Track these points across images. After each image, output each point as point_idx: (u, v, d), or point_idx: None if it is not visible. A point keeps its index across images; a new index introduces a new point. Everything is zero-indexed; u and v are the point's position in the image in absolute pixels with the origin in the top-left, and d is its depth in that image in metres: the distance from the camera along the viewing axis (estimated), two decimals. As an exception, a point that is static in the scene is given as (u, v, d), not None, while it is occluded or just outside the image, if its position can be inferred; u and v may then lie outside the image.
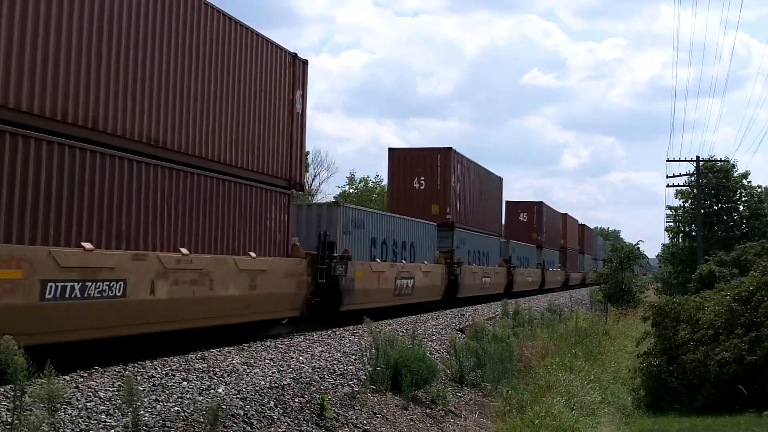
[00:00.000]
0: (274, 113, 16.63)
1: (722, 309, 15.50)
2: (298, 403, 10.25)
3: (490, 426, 12.95)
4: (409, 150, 32.78)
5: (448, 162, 31.18)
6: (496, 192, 40.98)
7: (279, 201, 16.77)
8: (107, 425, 7.83)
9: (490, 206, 38.79)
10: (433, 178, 31.01)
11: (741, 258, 31.29)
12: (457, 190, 31.66)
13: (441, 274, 29.03)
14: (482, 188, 36.77)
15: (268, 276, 15.86)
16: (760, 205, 55.27)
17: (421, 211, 29.71)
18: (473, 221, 34.64)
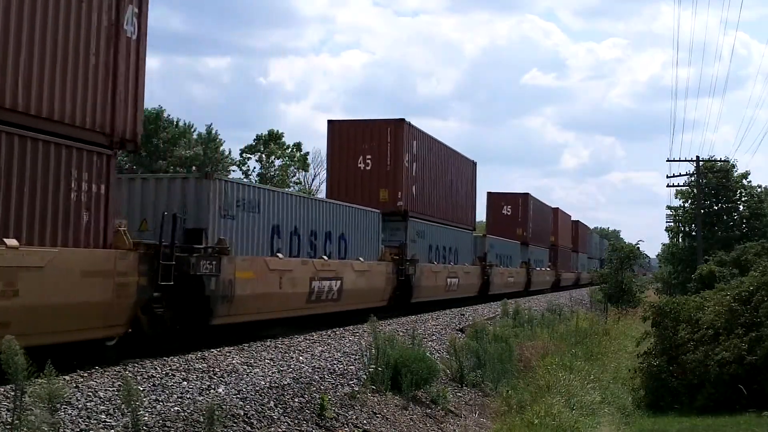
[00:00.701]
0: (81, 37, 11.31)
1: (722, 309, 15.50)
2: (298, 403, 10.25)
3: (490, 426, 12.95)
4: (352, 122, 26.56)
5: (400, 137, 25.23)
6: (468, 178, 34.86)
7: (89, 165, 11.41)
8: (107, 425, 7.83)
9: (459, 194, 33.03)
10: (381, 157, 25.30)
11: (741, 258, 31.31)
12: (412, 172, 26.19)
13: (386, 273, 23.10)
14: (449, 172, 31.24)
15: (45, 277, 10.25)
16: (760, 205, 55.29)
17: (367, 197, 24.58)
18: (436, 211, 29.15)
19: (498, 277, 37.86)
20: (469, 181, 35.14)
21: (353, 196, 24.29)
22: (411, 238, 25.70)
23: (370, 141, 25.48)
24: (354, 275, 20.53)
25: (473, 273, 34.00)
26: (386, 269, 23.22)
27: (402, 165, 25.30)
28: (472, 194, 35.87)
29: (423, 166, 27.57)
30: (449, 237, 30.75)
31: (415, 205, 26.51)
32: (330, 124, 26.24)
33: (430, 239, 28.07)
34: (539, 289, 48.30)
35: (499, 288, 37.99)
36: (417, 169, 26.75)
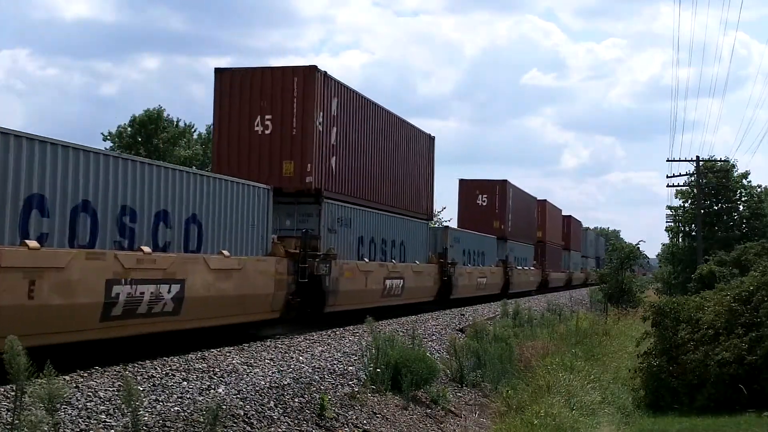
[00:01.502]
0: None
1: (722, 309, 15.49)
2: (298, 403, 10.25)
3: (490, 426, 12.96)
4: (247, 71, 19.89)
5: (312, 91, 19.03)
6: (422, 154, 28.11)
7: None
8: (107, 425, 7.83)
9: (409, 175, 26.72)
10: (285, 118, 19.18)
11: (741, 258, 31.31)
12: (330, 140, 20.05)
13: (274, 273, 16.60)
14: (393, 145, 25.10)
15: None
16: (760, 205, 55.32)
17: (266, 170, 18.96)
18: (370, 193, 23.17)
19: (463, 277, 31.61)
20: (424, 161, 28.43)
21: (248, 169, 18.94)
22: (327, 226, 19.67)
23: (270, 96, 19.37)
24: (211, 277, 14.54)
25: (428, 273, 27.65)
26: (276, 268, 16.71)
27: (313, 129, 19.10)
28: (427, 174, 28.97)
29: (349, 134, 21.49)
30: (393, 228, 24.57)
31: (334, 183, 20.36)
32: (218, 74, 19.85)
33: (361, 229, 21.98)
34: (521, 291, 41.94)
35: (466, 290, 32.44)
36: (339, 137, 20.65)
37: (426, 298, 27.75)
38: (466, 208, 41.03)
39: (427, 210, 29.32)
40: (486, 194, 40.75)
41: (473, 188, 41.23)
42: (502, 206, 40.77)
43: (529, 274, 46.13)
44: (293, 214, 19.35)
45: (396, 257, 24.69)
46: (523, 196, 46.41)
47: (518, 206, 43.77)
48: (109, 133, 61.49)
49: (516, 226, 42.90)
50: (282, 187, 18.65)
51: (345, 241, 20.83)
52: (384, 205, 24.31)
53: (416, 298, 26.50)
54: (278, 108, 19.26)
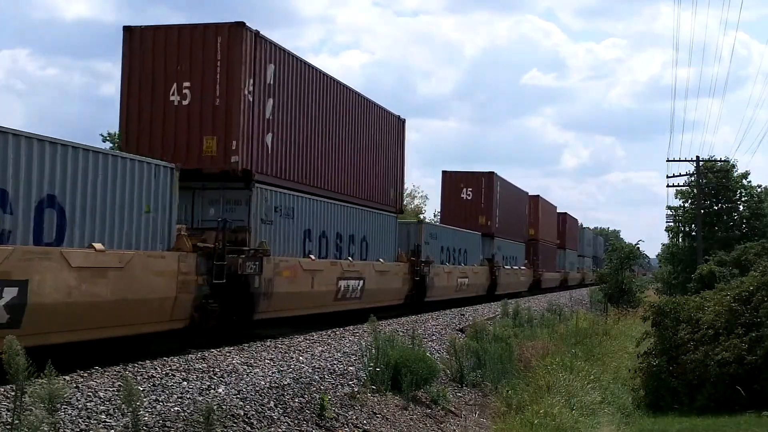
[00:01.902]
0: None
1: (722, 309, 15.50)
2: (298, 403, 10.25)
3: (490, 426, 12.96)
4: (162, 29, 16.66)
5: (238, 53, 15.86)
6: (389, 138, 24.88)
7: None
8: (107, 425, 7.83)
9: (372, 160, 23.34)
10: (206, 85, 16.01)
11: (741, 258, 31.30)
12: (263, 112, 16.74)
13: (176, 273, 13.32)
14: (350, 124, 21.66)
15: None
16: (760, 205, 55.30)
17: (183, 148, 15.85)
18: (318, 178, 19.52)
19: (440, 277, 28.62)
20: (392, 146, 25.11)
21: (162, 146, 15.96)
22: (261, 216, 16.55)
23: (189, 59, 16.16)
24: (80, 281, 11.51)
25: (396, 272, 24.31)
26: (178, 266, 13.45)
27: (241, 99, 15.93)
28: (397, 164, 25.66)
29: (292, 108, 18.01)
30: (351, 220, 21.44)
31: (270, 165, 17.05)
32: (126, 33, 16.53)
33: (308, 221, 18.65)
34: (511, 293, 37.93)
35: (444, 292, 29.33)
36: (277, 110, 17.35)
37: (394, 300, 24.40)
38: (450, 202, 37.76)
39: (396, 202, 25.65)
40: (471, 187, 37.26)
41: (457, 181, 37.67)
42: (488, 200, 37.36)
43: (518, 274, 42.82)
44: (218, 202, 16.33)
45: (355, 254, 21.45)
46: (513, 190, 43.00)
47: (507, 201, 40.51)
48: (108, 133, 61.54)
49: (504, 223, 39.73)
50: (202, 168, 15.69)
51: (285, 235, 17.49)
52: (340, 194, 20.84)
53: (380, 301, 22.97)
54: (198, 73, 16.05)
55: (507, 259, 40.39)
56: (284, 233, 17.51)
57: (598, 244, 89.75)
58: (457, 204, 37.19)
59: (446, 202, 38.07)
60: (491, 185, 37.54)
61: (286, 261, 17.21)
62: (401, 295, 25.08)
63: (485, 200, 37.31)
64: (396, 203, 25.64)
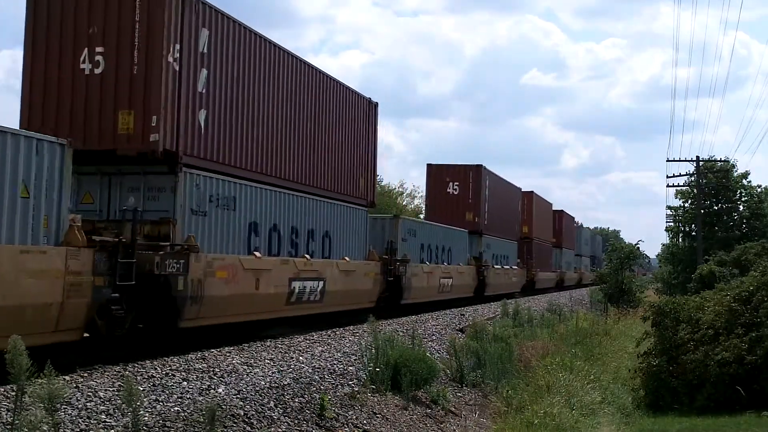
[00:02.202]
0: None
1: (722, 309, 15.49)
2: (298, 403, 10.25)
3: (490, 426, 12.96)
4: None
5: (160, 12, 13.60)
6: (358, 124, 22.13)
7: None
8: (107, 425, 7.83)
9: (336, 146, 20.55)
10: (122, 51, 13.72)
11: (741, 258, 31.30)
12: (194, 85, 14.37)
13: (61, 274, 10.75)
14: (309, 104, 18.78)
15: None
16: (760, 205, 55.26)
17: (96, 124, 13.62)
18: (268, 164, 16.90)
19: (419, 278, 26.14)
20: (362, 132, 22.41)
21: (70, 122, 13.67)
22: (191, 206, 14.13)
23: (103, 21, 13.75)
24: None
25: (365, 272, 21.71)
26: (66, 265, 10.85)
27: (163, 67, 13.52)
28: (368, 153, 22.92)
29: (232, 81, 15.49)
30: (311, 214, 18.75)
31: (203, 146, 14.60)
32: None
33: (254, 213, 16.06)
34: (501, 294, 35.14)
35: (423, 294, 27.04)
36: (213, 84, 14.87)
37: (363, 304, 21.53)
38: (435, 197, 35.53)
39: (368, 194, 22.79)
40: (457, 181, 34.90)
41: (443, 174, 35.44)
42: (476, 195, 35.01)
43: (510, 274, 40.39)
44: (139, 189, 14.05)
45: (316, 252, 18.78)
46: (504, 185, 40.59)
47: (497, 196, 38.18)
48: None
49: (494, 219, 37.37)
50: (117, 149, 13.50)
51: (224, 229, 15.00)
52: (297, 183, 18.18)
53: (345, 304, 20.46)
54: (113, 37, 13.66)
55: (497, 258, 38.11)
56: (222, 227, 14.96)
57: (596, 243, 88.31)
58: (443, 199, 34.98)
59: (432, 197, 36.04)
60: (479, 179, 35.17)
61: (221, 259, 14.72)
62: (371, 297, 22.32)
63: (473, 195, 35.07)
64: (367, 195, 22.77)
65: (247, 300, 15.48)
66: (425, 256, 27.67)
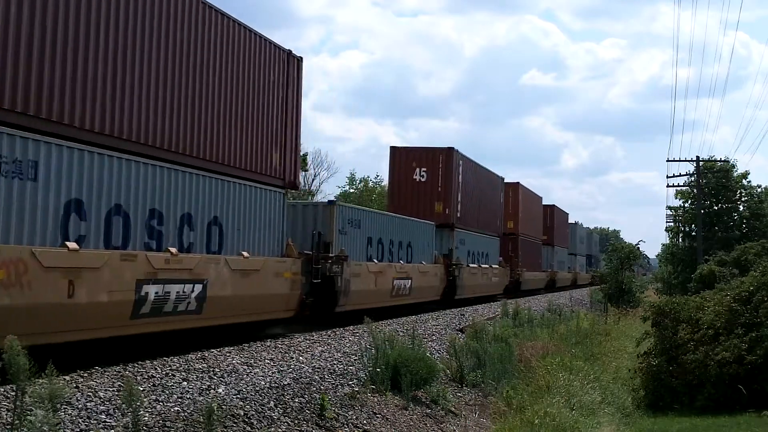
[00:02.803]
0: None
1: (722, 309, 15.50)
2: (298, 403, 10.25)
3: (490, 426, 12.96)
4: None
5: None
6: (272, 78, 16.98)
7: None
8: (107, 425, 7.83)
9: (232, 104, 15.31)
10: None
11: (741, 258, 31.31)
12: None
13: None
14: (181, 46, 13.79)
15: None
16: (760, 205, 55.30)
17: None
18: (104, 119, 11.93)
19: (360, 280, 21.10)
20: (275, 91, 17.16)
21: None
22: None
23: None
24: None
25: (277, 272, 16.82)
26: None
27: None
28: (284, 119, 17.49)
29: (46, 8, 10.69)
30: (184, 193, 13.85)
31: None
32: None
33: (74, 189, 11.31)
34: (477, 296, 32.44)
35: (366, 299, 21.48)
36: None
37: (276, 313, 17.11)
38: (400, 185, 30.58)
39: (284, 172, 17.52)
40: (426, 167, 30.15)
41: (408, 159, 30.51)
42: (447, 183, 30.23)
43: (489, 274, 35.62)
44: None
45: (195, 245, 14.16)
46: (484, 174, 35.95)
47: (475, 186, 33.76)
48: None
49: (470, 212, 32.94)
50: None
51: (20, 211, 10.36)
52: (163, 150, 13.34)
53: (240, 314, 15.53)
54: None
55: (474, 256, 33.54)
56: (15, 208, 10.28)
57: (592, 242, 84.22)
58: (409, 188, 30.27)
59: (395, 186, 30.98)
60: (451, 165, 30.33)
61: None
62: (291, 305, 17.52)
63: (443, 183, 30.24)
64: (284, 173, 17.55)
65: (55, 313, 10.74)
66: (374, 252, 22.86)
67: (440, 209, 30.14)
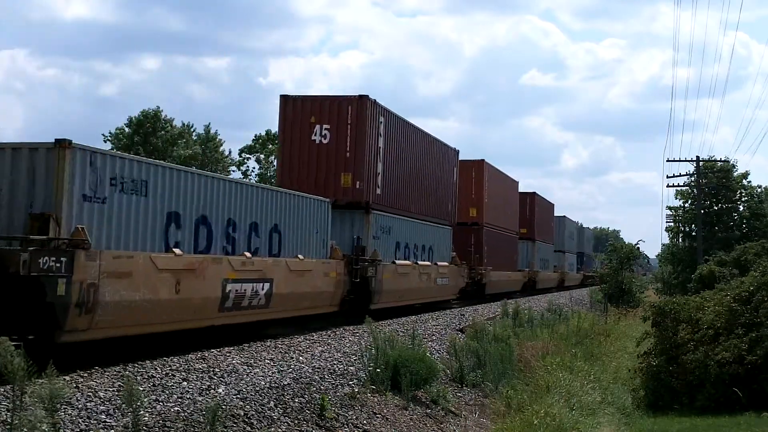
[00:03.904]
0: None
1: (722, 309, 15.50)
2: (298, 403, 10.25)
3: (490, 426, 12.96)
4: None
5: None
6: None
7: None
8: (107, 425, 7.83)
9: None
10: None
11: (741, 258, 31.29)
12: None
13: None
14: None
15: None
16: (760, 205, 55.32)
17: None
18: None
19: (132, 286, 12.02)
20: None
21: None
22: None
23: None
24: None
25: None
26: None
27: None
28: None
29: None
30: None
31: None
32: None
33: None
34: (415, 304, 25.73)
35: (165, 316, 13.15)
36: None
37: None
38: (292, 148, 21.84)
39: None
40: (329, 124, 21.43)
41: (305, 112, 21.68)
42: (360, 147, 21.30)
43: (432, 274, 26.26)
44: None
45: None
46: (424, 141, 26.34)
47: (409, 154, 24.91)
48: (110, 133, 61.70)
49: (402, 189, 24.27)
50: None
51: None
52: None
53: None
54: None
55: (408, 250, 24.62)
56: None
57: (585, 238, 75.93)
58: (305, 151, 21.51)
59: (286, 149, 22.01)
60: (364, 121, 21.33)
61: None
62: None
63: (353, 146, 21.24)
64: None
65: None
66: (216, 243, 14.67)
67: (348, 182, 21.22)
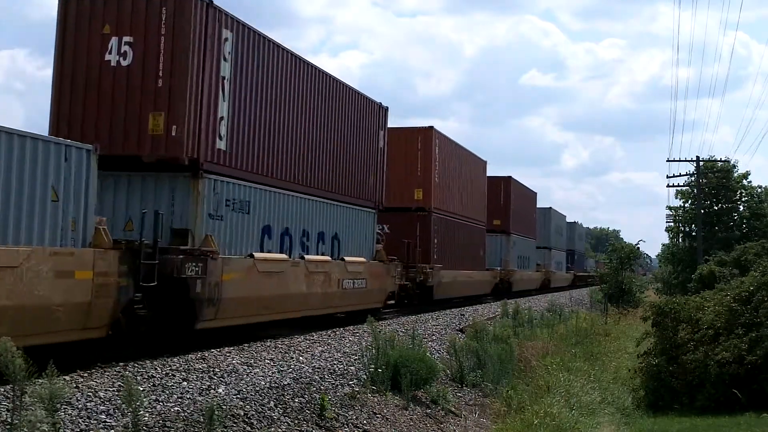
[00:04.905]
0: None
1: (722, 309, 15.50)
2: (298, 403, 10.25)
3: (490, 426, 12.96)
4: None
5: None
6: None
7: None
8: (107, 425, 7.83)
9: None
10: None
11: (741, 258, 31.27)
12: None
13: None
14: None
15: None
16: (760, 205, 55.26)
17: None
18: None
19: None
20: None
21: None
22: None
23: None
24: None
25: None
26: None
27: None
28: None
29: None
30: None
31: None
32: None
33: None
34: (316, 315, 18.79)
35: None
36: None
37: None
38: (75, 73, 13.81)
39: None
40: (132, 35, 13.60)
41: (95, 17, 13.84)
42: (181, 73, 13.42)
43: (334, 274, 18.90)
44: None
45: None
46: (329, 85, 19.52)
47: (292, 98, 17.23)
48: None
49: (272, 147, 16.41)
50: None
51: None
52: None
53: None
54: None
55: (286, 238, 17.11)
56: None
57: (576, 235, 67.74)
58: (95, 77, 13.73)
59: (66, 73, 13.87)
60: (189, 32, 13.51)
61: None
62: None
63: (168, 70, 13.52)
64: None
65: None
66: None
67: (159, 127, 13.46)
